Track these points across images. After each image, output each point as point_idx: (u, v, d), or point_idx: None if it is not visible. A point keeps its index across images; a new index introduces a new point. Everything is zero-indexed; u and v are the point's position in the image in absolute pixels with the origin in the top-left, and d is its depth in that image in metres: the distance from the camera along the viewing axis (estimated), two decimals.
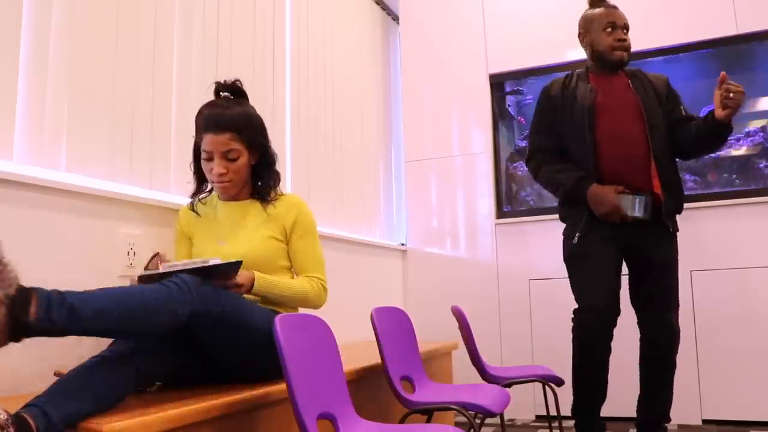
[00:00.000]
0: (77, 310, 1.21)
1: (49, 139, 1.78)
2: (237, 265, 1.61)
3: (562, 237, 2.51)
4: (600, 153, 2.34)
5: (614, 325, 2.27)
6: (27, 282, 1.12)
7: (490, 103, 3.94)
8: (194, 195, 1.99)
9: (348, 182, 3.57)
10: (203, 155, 1.86)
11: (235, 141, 1.83)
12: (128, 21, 2.09)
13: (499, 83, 4.00)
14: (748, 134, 3.48)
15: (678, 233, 2.43)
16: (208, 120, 1.82)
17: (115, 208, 1.92)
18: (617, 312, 2.27)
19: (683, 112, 2.45)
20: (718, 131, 2.25)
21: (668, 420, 2.46)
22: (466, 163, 3.95)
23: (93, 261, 1.83)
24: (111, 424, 1.24)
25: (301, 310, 1.91)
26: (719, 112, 2.16)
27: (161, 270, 1.55)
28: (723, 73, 2.15)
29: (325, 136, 3.36)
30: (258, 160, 1.94)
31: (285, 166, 2.96)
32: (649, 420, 2.41)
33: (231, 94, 1.93)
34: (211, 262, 1.55)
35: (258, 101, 2.75)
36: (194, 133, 1.90)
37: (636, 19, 3.62)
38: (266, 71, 2.86)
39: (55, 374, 1.46)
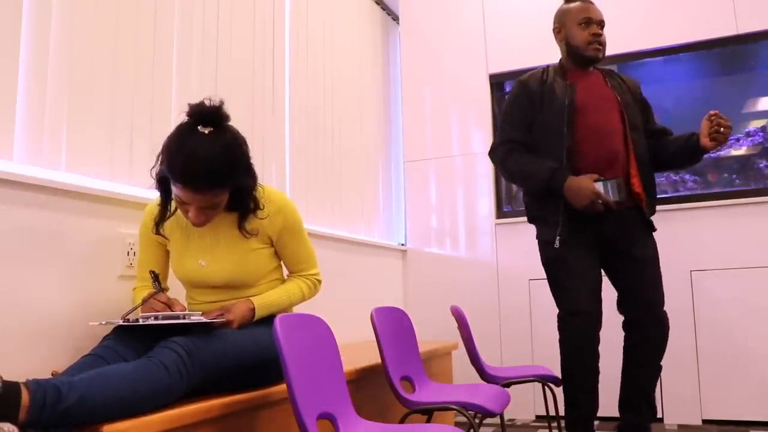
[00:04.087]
0: (71, 413, 1.19)
1: (49, 139, 1.78)
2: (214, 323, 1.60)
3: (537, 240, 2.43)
4: (578, 151, 2.26)
5: (599, 328, 2.24)
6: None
7: (490, 103, 3.94)
8: (161, 221, 1.78)
9: (347, 182, 3.57)
10: (177, 198, 1.63)
11: (219, 194, 1.62)
12: (128, 21, 2.09)
13: (499, 83, 4.00)
14: (748, 134, 3.48)
15: (655, 232, 2.39)
16: (186, 174, 1.55)
17: (115, 208, 1.92)
18: (601, 315, 2.24)
19: (656, 123, 2.48)
20: (696, 155, 2.31)
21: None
22: (466, 163, 3.95)
23: (93, 261, 1.83)
24: (111, 423, 1.24)
25: (300, 308, 1.91)
26: (705, 142, 2.21)
27: (140, 319, 1.53)
28: (716, 111, 2.20)
29: (324, 136, 3.36)
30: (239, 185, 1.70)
31: (284, 166, 2.96)
32: (640, 422, 2.34)
33: (213, 123, 1.59)
34: (192, 319, 1.55)
35: (258, 101, 2.76)
36: (160, 164, 1.62)
37: (636, 19, 3.64)
38: (266, 71, 2.86)
39: (52, 374, 1.46)
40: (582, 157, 2.26)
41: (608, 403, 2.54)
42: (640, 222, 2.32)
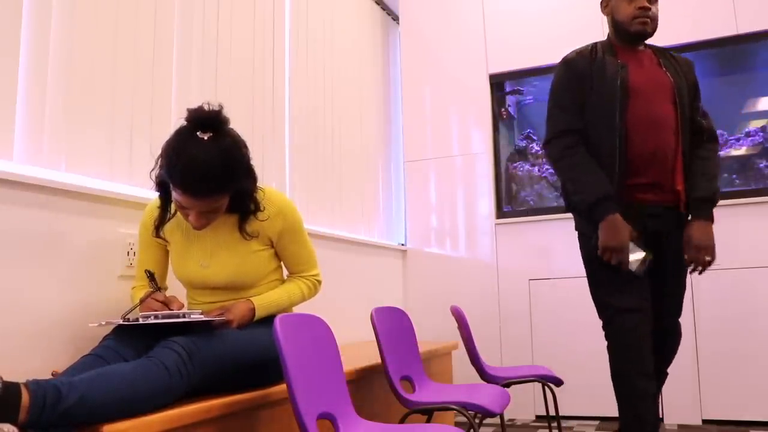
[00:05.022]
0: (72, 413, 1.19)
1: (49, 139, 1.78)
2: (214, 321, 1.60)
3: (576, 232, 2.24)
4: (629, 140, 2.04)
5: (651, 328, 2.03)
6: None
7: (490, 103, 3.94)
8: (161, 224, 1.78)
9: (347, 182, 3.57)
10: (177, 202, 1.63)
11: (219, 199, 1.62)
12: (128, 21, 2.09)
13: (499, 83, 4.00)
14: (748, 134, 3.48)
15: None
16: (186, 181, 1.54)
17: (115, 208, 1.92)
18: (651, 314, 2.04)
19: (701, 112, 2.22)
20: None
21: None
22: (466, 163, 3.95)
23: (93, 261, 1.83)
24: (111, 423, 1.24)
25: (300, 308, 1.91)
26: (686, 256, 2.07)
27: (140, 319, 1.53)
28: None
29: (324, 136, 3.36)
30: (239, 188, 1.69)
31: (284, 166, 2.96)
32: None
33: (212, 128, 1.58)
34: (192, 317, 1.55)
35: (258, 101, 2.76)
36: (159, 167, 1.62)
37: None
38: (266, 71, 2.86)
39: (52, 374, 1.46)
40: (629, 148, 2.04)
41: (607, 403, 2.53)
42: (675, 224, 2.12)
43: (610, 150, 2.05)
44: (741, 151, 3.48)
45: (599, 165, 2.07)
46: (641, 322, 2.00)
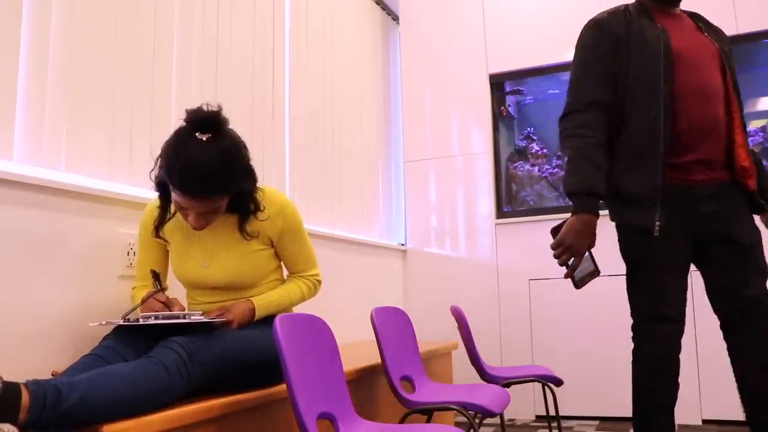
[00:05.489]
0: (72, 413, 1.19)
1: (49, 139, 1.78)
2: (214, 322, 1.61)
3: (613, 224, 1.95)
4: (676, 113, 1.78)
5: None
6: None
7: (490, 103, 3.94)
8: (161, 225, 1.78)
9: (347, 182, 3.57)
10: (176, 203, 1.63)
11: (218, 200, 1.62)
12: (128, 21, 2.09)
13: (499, 83, 4.00)
14: (748, 134, 3.48)
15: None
16: (185, 182, 1.54)
17: (115, 208, 1.92)
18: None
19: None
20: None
21: None
22: (465, 163, 3.95)
23: (93, 261, 1.83)
24: (111, 423, 1.24)
25: (300, 308, 1.91)
26: None
27: (140, 319, 1.53)
28: None
29: (324, 136, 3.36)
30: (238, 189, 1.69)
31: (284, 166, 2.96)
32: None
33: (211, 129, 1.58)
34: (193, 318, 1.55)
35: (258, 101, 2.76)
36: (159, 167, 1.62)
37: None
38: (266, 71, 2.86)
39: (52, 374, 1.46)
40: (677, 122, 1.79)
41: (607, 403, 2.55)
42: (744, 201, 1.88)
43: (652, 124, 1.79)
44: None
45: (636, 144, 1.83)
46: (677, 334, 1.85)
